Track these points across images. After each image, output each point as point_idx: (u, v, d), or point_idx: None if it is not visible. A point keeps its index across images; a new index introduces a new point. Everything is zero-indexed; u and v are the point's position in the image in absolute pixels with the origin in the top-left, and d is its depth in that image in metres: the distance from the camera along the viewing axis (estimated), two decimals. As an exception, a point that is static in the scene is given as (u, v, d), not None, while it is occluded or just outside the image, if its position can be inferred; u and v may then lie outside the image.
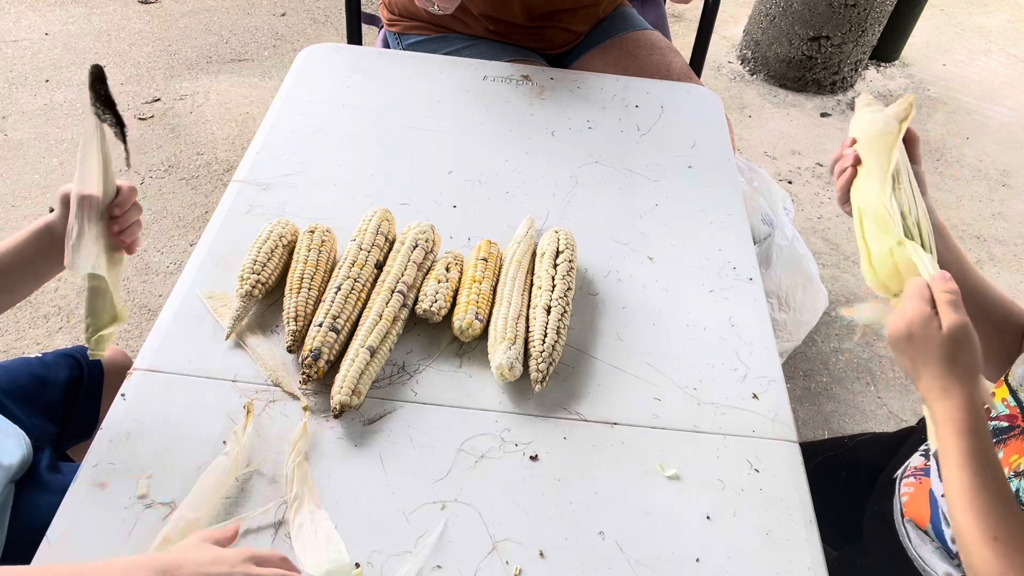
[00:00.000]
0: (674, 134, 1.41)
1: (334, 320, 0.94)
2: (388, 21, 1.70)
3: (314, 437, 0.88)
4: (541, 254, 1.08)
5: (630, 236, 1.19)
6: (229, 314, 0.97)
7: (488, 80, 1.49)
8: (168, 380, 0.92)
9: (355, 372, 0.89)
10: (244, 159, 1.25)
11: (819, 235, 2.53)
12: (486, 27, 1.61)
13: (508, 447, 0.89)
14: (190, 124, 2.68)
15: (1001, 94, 3.35)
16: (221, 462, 0.81)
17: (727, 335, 1.05)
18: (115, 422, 0.86)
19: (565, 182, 1.28)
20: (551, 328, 0.96)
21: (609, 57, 1.65)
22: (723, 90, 3.19)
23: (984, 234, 2.59)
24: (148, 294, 2.08)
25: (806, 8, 3.00)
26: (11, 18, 3.12)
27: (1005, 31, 3.84)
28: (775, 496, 0.87)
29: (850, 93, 3.25)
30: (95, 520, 0.78)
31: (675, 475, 0.88)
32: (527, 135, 1.37)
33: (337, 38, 3.17)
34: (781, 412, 0.96)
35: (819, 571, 0.81)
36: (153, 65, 2.95)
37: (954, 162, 2.91)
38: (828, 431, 1.94)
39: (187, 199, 2.39)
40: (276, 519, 0.80)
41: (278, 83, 1.46)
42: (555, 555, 0.80)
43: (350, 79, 1.45)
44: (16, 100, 2.70)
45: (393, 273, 1.00)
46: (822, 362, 2.12)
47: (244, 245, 1.04)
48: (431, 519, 0.81)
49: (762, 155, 2.85)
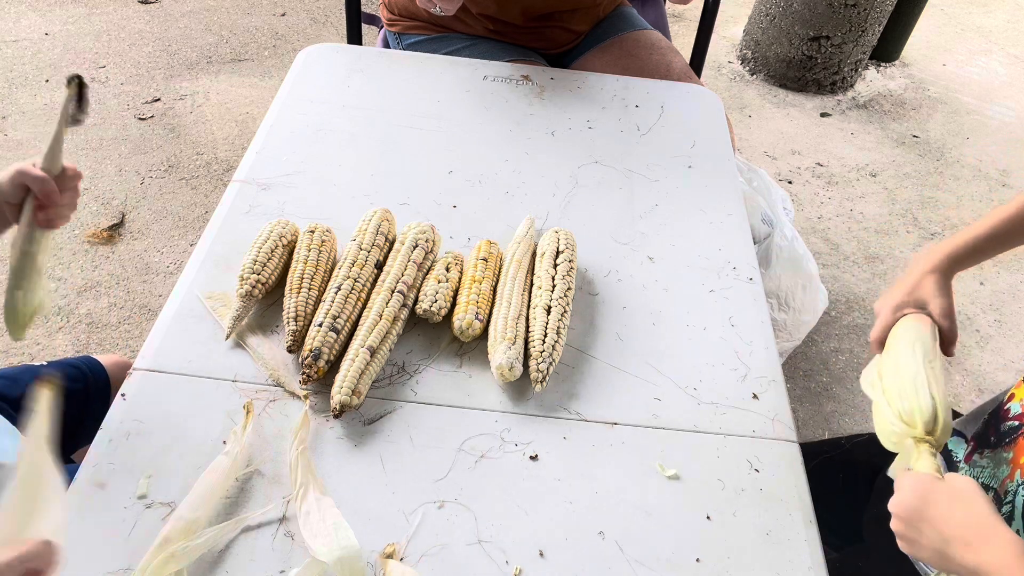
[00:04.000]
0: (674, 134, 1.41)
1: (334, 320, 0.94)
2: (388, 21, 1.70)
3: (314, 437, 0.88)
4: (541, 254, 1.08)
5: (630, 236, 1.19)
6: (229, 314, 0.97)
7: (488, 80, 1.49)
8: (168, 380, 0.92)
9: (355, 372, 0.89)
10: (244, 159, 1.25)
11: (819, 235, 2.53)
12: (486, 27, 1.61)
13: (508, 447, 0.89)
14: (190, 124, 2.68)
15: (1001, 94, 3.35)
16: (221, 462, 0.81)
17: (727, 335, 1.05)
18: (115, 422, 0.86)
19: (565, 182, 1.28)
20: (551, 328, 0.96)
21: (609, 57, 1.65)
22: (723, 90, 3.19)
23: (984, 234, 2.59)
24: (148, 294, 2.08)
25: (806, 8, 3.01)
26: (11, 18, 3.12)
27: (1005, 31, 3.84)
28: (775, 496, 0.87)
29: (850, 93, 3.25)
30: (95, 520, 0.78)
31: (675, 475, 0.88)
32: (527, 135, 1.37)
33: (337, 38, 3.17)
34: (781, 412, 0.96)
35: (819, 571, 0.81)
36: (153, 65, 2.95)
37: (954, 162, 2.92)
38: (828, 431, 1.94)
39: (187, 199, 2.39)
40: (278, 517, 0.80)
41: (278, 83, 1.46)
42: (555, 555, 0.80)
43: (350, 79, 1.46)
44: (16, 100, 2.70)
45: (393, 273, 1.00)
46: (822, 362, 2.12)
47: (244, 245, 1.04)
48: (431, 519, 0.82)
49: (762, 155, 2.85)
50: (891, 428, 0.82)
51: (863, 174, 2.81)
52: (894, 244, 2.52)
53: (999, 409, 0.94)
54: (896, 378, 0.84)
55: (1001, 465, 0.89)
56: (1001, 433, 0.92)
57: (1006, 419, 0.92)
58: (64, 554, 0.61)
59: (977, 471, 0.93)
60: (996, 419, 0.94)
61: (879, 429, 0.84)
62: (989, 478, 0.90)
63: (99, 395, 1.14)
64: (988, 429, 0.95)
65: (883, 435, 0.84)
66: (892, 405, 0.82)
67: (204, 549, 0.76)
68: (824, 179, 2.76)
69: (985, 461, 0.92)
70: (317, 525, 0.77)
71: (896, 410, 0.81)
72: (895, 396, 0.83)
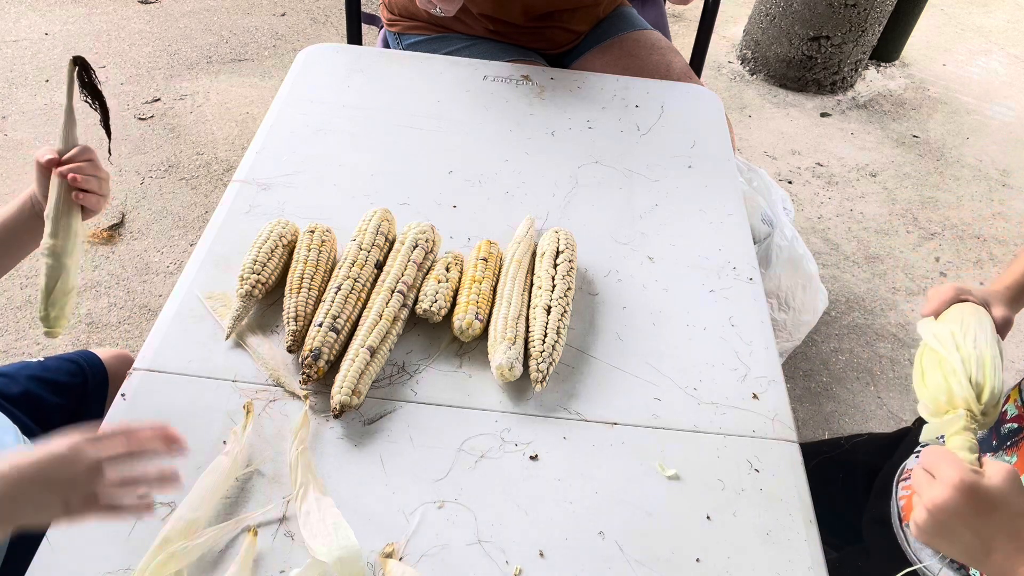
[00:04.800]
0: (674, 134, 1.41)
1: (334, 320, 0.94)
2: (388, 21, 1.70)
3: (314, 437, 0.88)
4: (541, 254, 1.08)
5: (630, 236, 1.19)
6: (229, 314, 0.97)
7: (488, 80, 1.49)
8: (168, 380, 0.92)
9: (355, 372, 0.89)
10: (244, 159, 1.25)
11: (819, 235, 2.53)
12: (486, 27, 1.61)
13: (508, 447, 0.89)
14: (190, 124, 2.68)
15: (1001, 94, 3.35)
16: (221, 462, 0.81)
17: (727, 335, 1.05)
18: (115, 422, 0.86)
19: (565, 182, 1.28)
20: (551, 328, 0.96)
21: (609, 57, 1.65)
22: (723, 90, 3.19)
23: (984, 234, 2.59)
24: (148, 294, 2.08)
25: (806, 8, 3.01)
26: (11, 18, 3.12)
27: (1005, 31, 3.84)
28: (775, 496, 0.87)
29: (850, 93, 3.25)
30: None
31: (675, 475, 0.88)
32: (527, 135, 1.37)
33: (337, 38, 3.17)
34: (781, 412, 0.96)
35: (819, 571, 0.81)
36: (153, 65, 2.95)
37: (954, 162, 2.92)
38: (828, 431, 1.94)
39: (187, 199, 2.39)
40: (278, 517, 0.80)
41: (278, 83, 1.46)
42: (555, 555, 0.80)
43: (350, 79, 1.46)
44: (16, 100, 2.70)
45: (393, 273, 1.00)
46: (822, 362, 2.12)
47: (244, 245, 1.04)
48: (431, 519, 0.82)
49: (762, 155, 2.85)
50: (952, 388, 0.75)
51: (863, 174, 2.81)
52: (894, 244, 2.52)
53: None
54: (975, 346, 0.78)
55: None
56: (1002, 436, 0.92)
57: (1004, 421, 0.92)
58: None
59: None
60: (995, 422, 0.94)
61: (930, 383, 0.78)
62: None
63: (97, 389, 1.14)
64: (989, 432, 0.95)
65: (933, 390, 0.77)
66: (967, 365, 0.76)
67: (204, 549, 0.76)
68: (824, 179, 2.76)
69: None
70: (317, 525, 0.77)
71: (970, 372, 0.75)
72: (972, 361, 0.77)
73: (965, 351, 0.78)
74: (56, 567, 0.74)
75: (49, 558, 0.75)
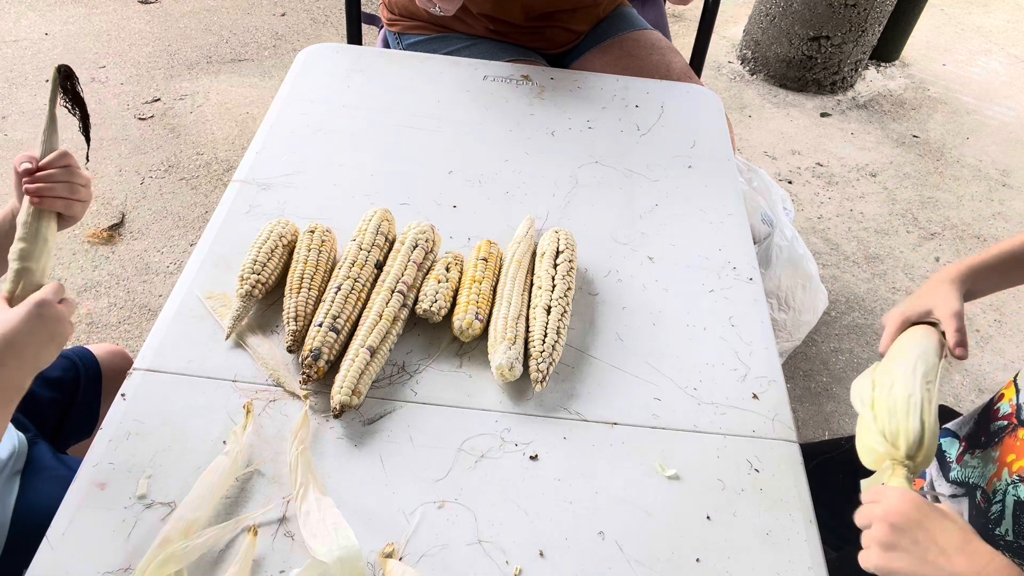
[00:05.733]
0: (674, 134, 1.41)
1: (334, 320, 0.94)
2: (388, 21, 1.70)
3: (314, 437, 0.88)
4: (541, 254, 1.08)
5: (630, 236, 1.19)
6: (229, 314, 0.97)
7: (488, 80, 1.49)
8: (168, 380, 0.92)
9: (355, 372, 0.89)
10: (244, 159, 1.25)
11: (819, 235, 2.53)
12: (486, 27, 1.61)
13: (508, 447, 0.89)
14: (190, 124, 2.68)
15: (1001, 94, 3.35)
16: (221, 462, 0.81)
17: (727, 335, 1.05)
18: (115, 422, 0.87)
19: (565, 182, 1.28)
20: (551, 328, 0.96)
21: (609, 57, 1.65)
22: (723, 90, 3.19)
23: (984, 234, 2.59)
24: (148, 294, 2.08)
25: (806, 8, 3.01)
26: (11, 18, 3.12)
27: (1005, 31, 3.84)
28: (775, 496, 0.87)
29: (850, 93, 3.25)
30: (95, 520, 0.78)
31: (675, 475, 0.88)
32: (527, 135, 1.37)
33: (337, 38, 3.17)
34: (781, 412, 0.96)
35: (819, 571, 0.81)
36: (153, 65, 2.95)
37: (954, 162, 2.92)
38: (828, 431, 1.94)
39: (187, 199, 2.39)
40: (278, 517, 0.80)
41: (278, 83, 1.46)
42: (555, 555, 0.80)
43: (350, 79, 1.46)
44: (16, 100, 2.70)
45: (393, 273, 1.00)
46: (822, 362, 2.12)
47: (244, 245, 1.04)
48: (431, 519, 0.82)
49: (762, 155, 2.85)
50: (873, 445, 0.79)
51: (863, 174, 2.81)
52: (894, 244, 2.52)
53: (989, 409, 0.95)
54: (889, 394, 0.81)
55: (989, 464, 0.89)
56: (991, 433, 0.92)
57: (995, 419, 0.92)
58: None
59: (968, 471, 0.93)
60: (986, 419, 0.94)
61: (860, 443, 0.81)
62: (979, 478, 0.91)
63: (90, 385, 1.15)
64: (979, 429, 0.95)
65: (863, 450, 0.81)
66: (879, 422, 0.79)
67: (204, 549, 0.76)
68: (824, 179, 2.76)
69: (976, 461, 0.92)
70: (317, 525, 0.77)
71: (882, 428, 0.79)
72: (884, 413, 0.79)
73: (879, 406, 0.81)
74: (56, 567, 0.74)
75: (49, 558, 0.75)
